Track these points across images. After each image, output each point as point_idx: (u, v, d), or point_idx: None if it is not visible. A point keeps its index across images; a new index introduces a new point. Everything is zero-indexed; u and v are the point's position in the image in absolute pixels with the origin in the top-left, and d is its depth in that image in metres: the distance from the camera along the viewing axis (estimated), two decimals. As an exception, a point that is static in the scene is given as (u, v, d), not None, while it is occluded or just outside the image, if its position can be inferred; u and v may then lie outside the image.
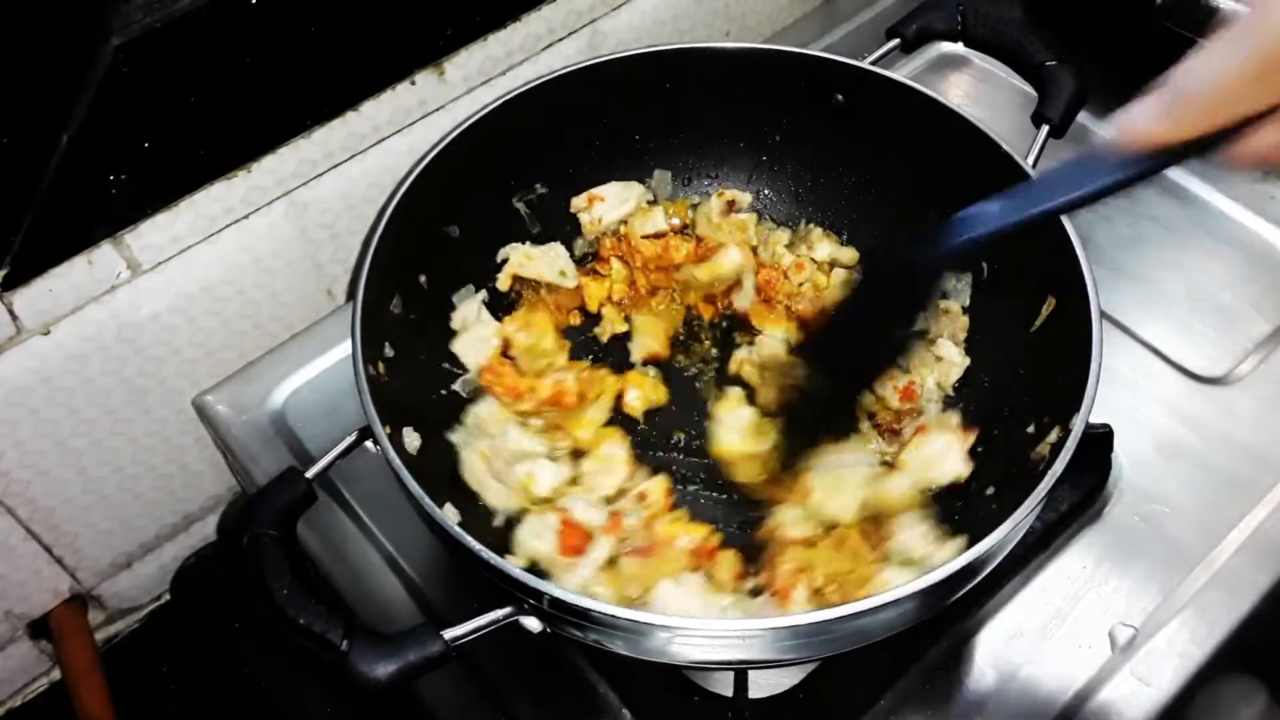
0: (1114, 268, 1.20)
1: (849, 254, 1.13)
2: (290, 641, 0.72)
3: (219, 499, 1.21)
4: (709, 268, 1.10)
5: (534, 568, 0.90)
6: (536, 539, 0.92)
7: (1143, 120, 0.55)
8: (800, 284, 1.12)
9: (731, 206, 1.13)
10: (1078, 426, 0.80)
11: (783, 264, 1.12)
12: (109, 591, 1.18)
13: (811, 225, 1.16)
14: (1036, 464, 0.86)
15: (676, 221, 1.15)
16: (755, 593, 0.90)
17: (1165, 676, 0.92)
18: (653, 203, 1.15)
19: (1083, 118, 1.03)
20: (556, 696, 0.93)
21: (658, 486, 0.97)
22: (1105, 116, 1.30)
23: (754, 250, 1.13)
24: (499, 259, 1.10)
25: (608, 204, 1.13)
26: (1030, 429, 0.90)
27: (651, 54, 1.06)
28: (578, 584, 0.89)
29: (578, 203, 1.13)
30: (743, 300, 1.11)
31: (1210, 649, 0.94)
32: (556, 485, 0.97)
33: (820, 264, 1.13)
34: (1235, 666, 0.97)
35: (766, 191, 1.17)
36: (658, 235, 1.13)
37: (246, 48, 0.94)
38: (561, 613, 0.74)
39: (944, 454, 0.95)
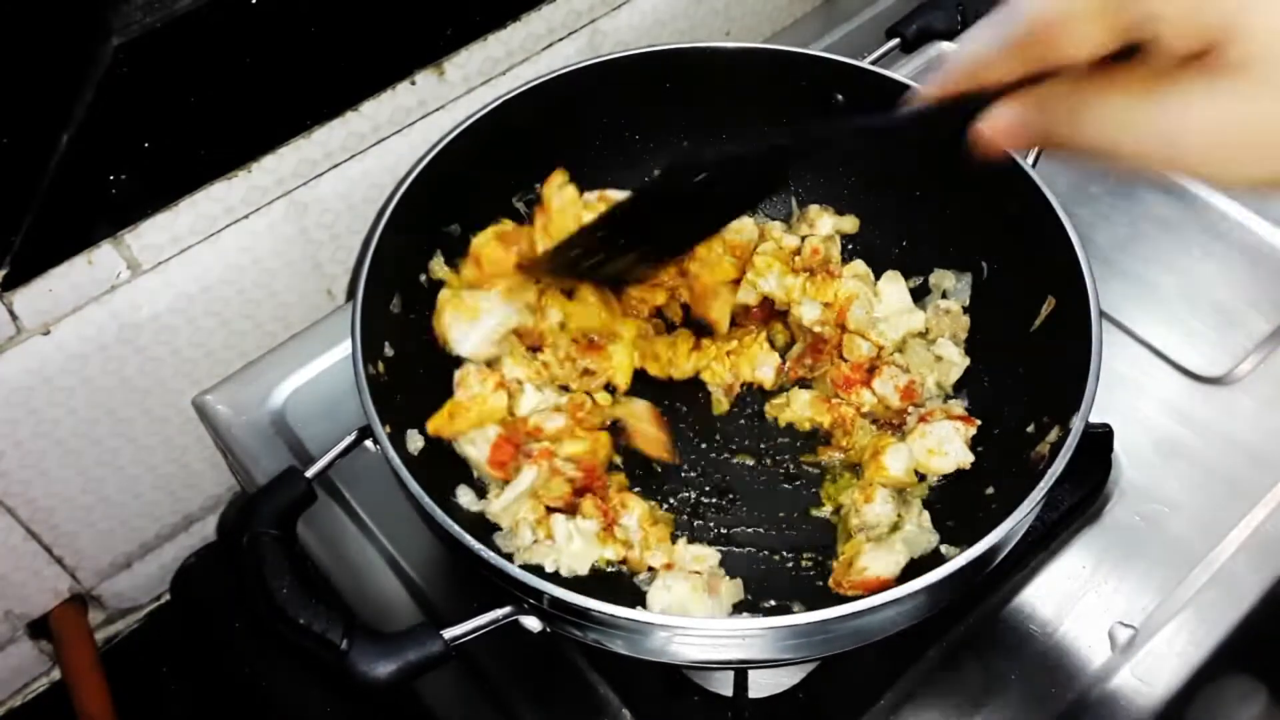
0: (1114, 268, 1.20)
1: (850, 222, 1.13)
2: (290, 641, 0.72)
3: (219, 499, 1.21)
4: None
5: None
6: (470, 445, 0.94)
7: (930, 81, 0.63)
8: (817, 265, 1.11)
9: None
10: (1077, 426, 0.80)
11: (784, 244, 1.11)
12: (109, 591, 1.18)
13: (806, 205, 1.15)
14: (1036, 464, 0.86)
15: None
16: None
17: (1165, 676, 0.92)
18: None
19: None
20: (556, 696, 0.93)
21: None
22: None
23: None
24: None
25: None
26: (1030, 429, 0.90)
27: (651, 54, 1.06)
28: (498, 506, 0.91)
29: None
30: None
31: (1210, 649, 0.94)
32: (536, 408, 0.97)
33: (828, 239, 1.12)
34: (1235, 666, 0.97)
35: (766, 191, 1.17)
36: None
37: (246, 48, 0.94)
38: (561, 612, 0.74)
39: (947, 441, 0.96)
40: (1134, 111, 0.52)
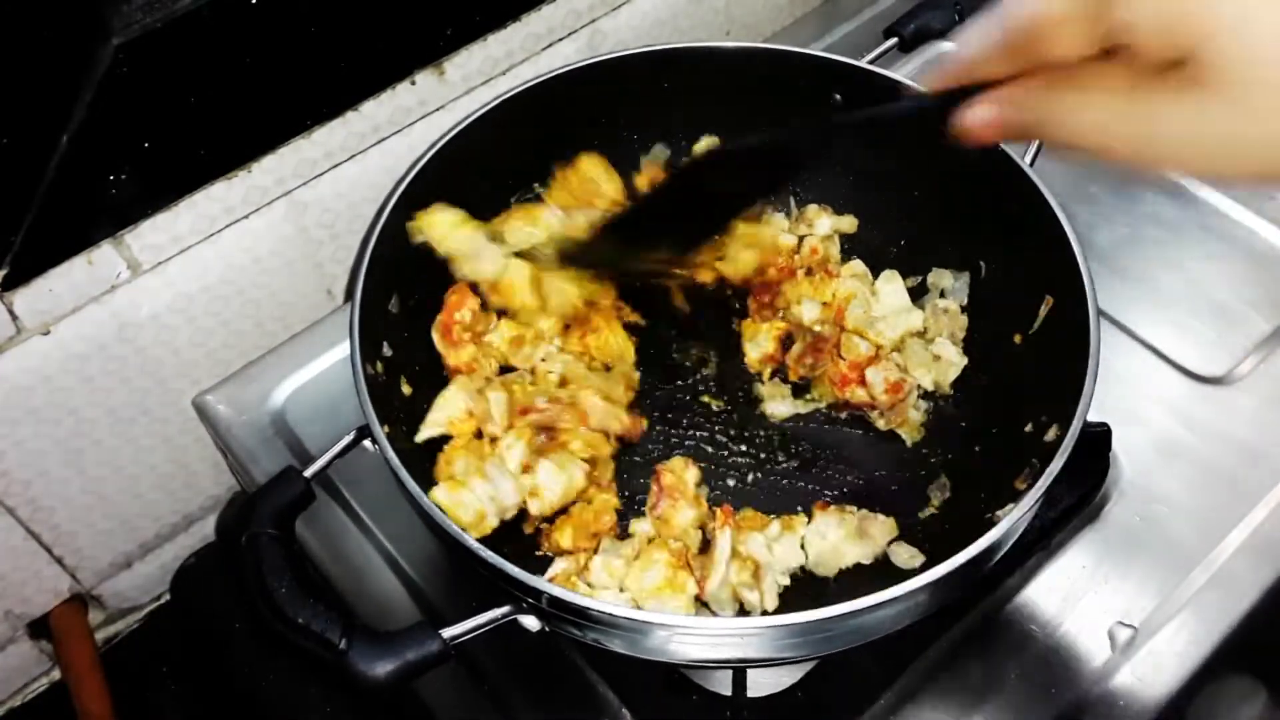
0: (1114, 268, 1.20)
1: (849, 221, 1.13)
2: (289, 641, 0.72)
3: (219, 499, 1.21)
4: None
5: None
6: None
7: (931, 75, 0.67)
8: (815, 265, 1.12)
9: None
10: (1075, 426, 0.80)
11: (782, 244, 1.11)
12: (109, 591, 1.18)
13: (805, 204, 1.15)
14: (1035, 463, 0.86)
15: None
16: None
17: (1165, 676, 0.92)
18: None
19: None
20: (556, 696, 0.93)
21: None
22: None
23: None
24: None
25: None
26: (1028, 428, 0.90)
27: (651, 54, 1.07)
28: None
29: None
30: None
31: (1210, 649, 0.94)
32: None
33: (827, 238, 1.12)
34: (1235, 666, 0.97)
35: (766, 191, 1.17)
36: None
37: (246, 48, 0.94)
38: (560, 611, 0.74)
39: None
40: (1113, 111, 0.55)
